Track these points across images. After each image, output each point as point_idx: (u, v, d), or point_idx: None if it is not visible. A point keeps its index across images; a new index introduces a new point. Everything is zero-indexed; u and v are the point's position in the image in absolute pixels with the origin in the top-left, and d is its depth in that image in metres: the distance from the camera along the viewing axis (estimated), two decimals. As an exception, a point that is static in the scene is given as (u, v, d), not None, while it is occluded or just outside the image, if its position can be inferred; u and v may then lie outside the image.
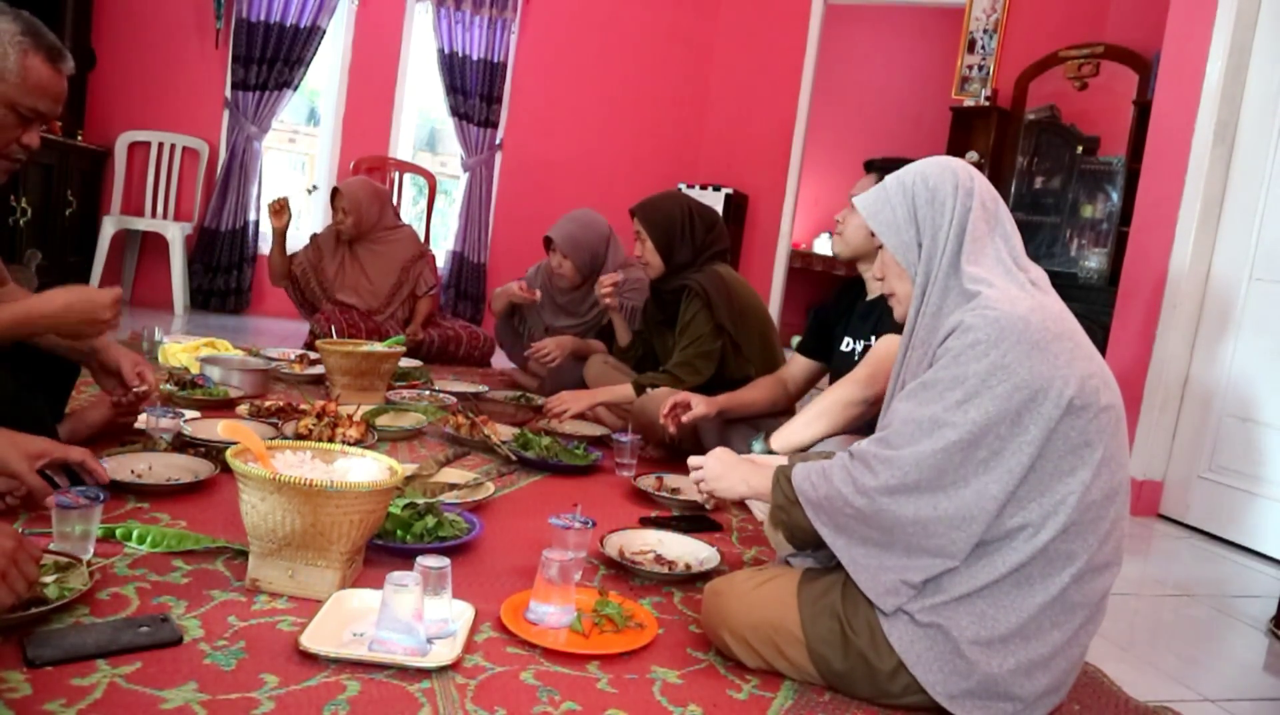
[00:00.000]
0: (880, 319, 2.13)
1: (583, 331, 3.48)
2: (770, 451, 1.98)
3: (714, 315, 2.65)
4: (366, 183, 3.94)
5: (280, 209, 3.64)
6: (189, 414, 2.33)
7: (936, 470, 1.18)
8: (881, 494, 1.21)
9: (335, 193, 3.81)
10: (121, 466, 1.85)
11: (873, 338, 2.14)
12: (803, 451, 1.96)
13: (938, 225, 1.33)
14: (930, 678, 1.22)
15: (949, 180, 1.34)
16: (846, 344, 2.27)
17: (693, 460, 1.59)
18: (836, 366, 2.29)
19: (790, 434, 2.00)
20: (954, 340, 1.21)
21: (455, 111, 5.40)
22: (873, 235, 1.45)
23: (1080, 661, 1.27)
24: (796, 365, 2.47)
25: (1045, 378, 1.16)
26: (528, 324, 3.68)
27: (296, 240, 5.42)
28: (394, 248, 3.92)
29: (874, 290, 2.21)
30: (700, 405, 2.32)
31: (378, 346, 2.93)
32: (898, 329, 1.55)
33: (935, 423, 1.19)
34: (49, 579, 1.28)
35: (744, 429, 2.47)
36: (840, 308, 2.35)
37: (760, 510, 2.05)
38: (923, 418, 1.20)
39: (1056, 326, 1.21)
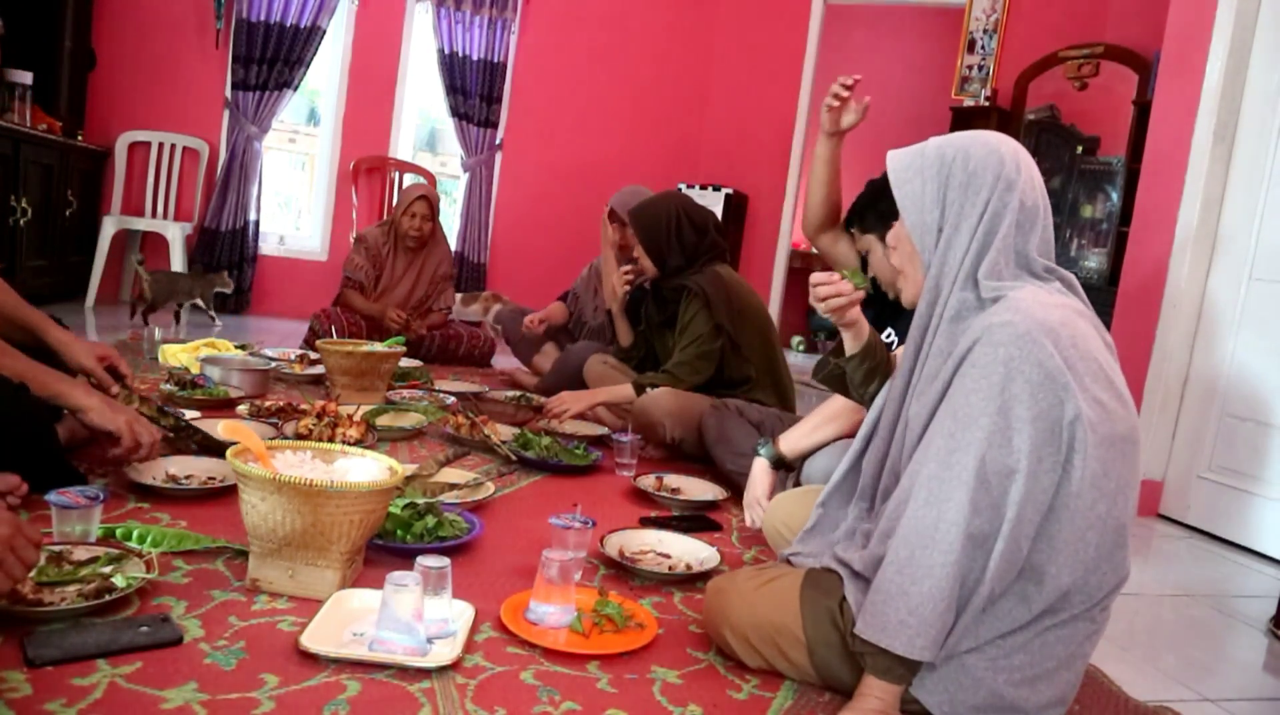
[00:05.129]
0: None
1: None
2: (777, 454, 1.97)
3: (713, 315, 2.65)
4: (433, 188, 4.03)
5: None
6: (189, 414, 2.33)
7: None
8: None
9: (416, 196, 3.83)
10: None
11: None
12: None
13: (964, 215, 1.22)
14: (934, 699, 1.19)
15: (991, 168, 1.21)
16: (887, 334, 2.24)
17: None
18: None
19: (796, 439, 1.98)
20: (979, 351, 1.13)
21: (455, 112, 5.40)
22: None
23: (1083, 670, 1.25)
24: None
25: (1071, 404, 1.10)
26: (582, 322, 3.64)
27: (298, 242, 5.38)
28: (432, 260, 4.00)
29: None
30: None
31: (378, 346, 2.92)
32: None
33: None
34: (107, 569, 1.33)
35: (744, 425, 2.47)
36: (878, 291, 2.29)
37: (753, 519, 2.04)
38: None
39: (1084, 344, 1.15)
